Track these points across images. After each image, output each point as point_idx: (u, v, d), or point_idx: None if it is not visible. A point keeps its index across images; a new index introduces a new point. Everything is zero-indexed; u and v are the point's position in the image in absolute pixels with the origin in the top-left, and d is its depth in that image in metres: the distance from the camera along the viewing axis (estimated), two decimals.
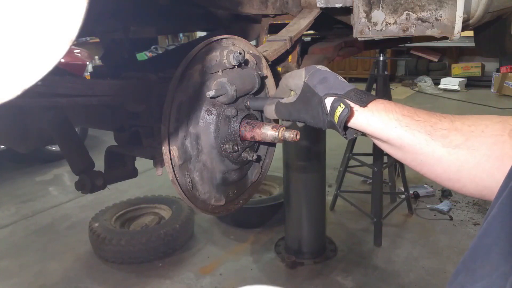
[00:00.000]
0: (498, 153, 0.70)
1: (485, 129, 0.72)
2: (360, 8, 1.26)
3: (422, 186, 4.43)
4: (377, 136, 0.81)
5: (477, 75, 9.44)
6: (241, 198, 1.07)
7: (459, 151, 0.73)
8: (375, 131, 0.80)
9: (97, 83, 1.11)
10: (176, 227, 3.42)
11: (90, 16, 0.36)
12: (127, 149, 1.20)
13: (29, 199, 4.69)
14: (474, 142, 0.72)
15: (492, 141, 0.71)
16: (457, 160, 0.73)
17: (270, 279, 3.11)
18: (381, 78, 3.45)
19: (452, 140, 0.74)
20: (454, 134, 0.74)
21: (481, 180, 0.72)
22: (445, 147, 0.74)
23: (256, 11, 1.43)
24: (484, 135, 0.72)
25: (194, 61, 0.86)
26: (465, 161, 0.73)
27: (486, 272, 0.60)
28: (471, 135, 0.73)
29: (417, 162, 0.79)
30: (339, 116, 0.78)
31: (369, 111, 0.79)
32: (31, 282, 3.21)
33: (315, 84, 0.84)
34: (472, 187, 0.74)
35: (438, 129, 0.75)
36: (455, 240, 3.52)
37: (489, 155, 0.71)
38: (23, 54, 0.34)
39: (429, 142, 0.75)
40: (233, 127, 0.92)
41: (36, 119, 1.30)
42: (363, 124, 0.80)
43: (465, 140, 0.73)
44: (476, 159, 0.72)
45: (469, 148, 0.72)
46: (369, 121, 0.79)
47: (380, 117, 0.79)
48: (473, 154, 0.72)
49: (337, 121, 0.79)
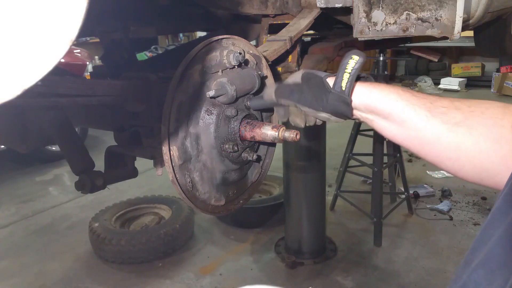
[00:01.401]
0: (496, 135, 0.71)
1: (485, 111, 0.73)
2: (360, 8, 1.26)
3: (422, 186, 4.43)
4: (379, 111, 0.81)
5: (477, 75, 9.44)
6: (241, 198, 1.07)
7: (458, 128, 0.74)
8: (377, 104, 0.80)
9: (97, 83, 1.11)
10: (176, 227, 3.41)
11: (90, 16, 0.36)
12: (127, 149, 1.20)
13: (29, 199, 4.69)
14: (473, 122, 0.73)
15: (491, 123, 0.72)
16: (456, 137, 0.74)
17: (270, 279, 3.11)
18: (381, 78, 3.44)
19: (452, 117, 0.74)
20: (454, 112, 0.75)
21: (479, 162, 0.73)
22: (444, 124, 0.75)
23: (256, 11, 1.44)
24: (484, 116, 0.73)
25: (194, 61, 0.86)
26: (464, 139, 0.73)
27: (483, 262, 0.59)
28: (471, 115, 0.73)
29: (418, 141, 0.79)
30: (353, 67, 0.80)
31: (370, 85, 0.81)
32: (31, 282, 3.21)
33: (314, 71, 0.87)
34: (470, 168, 0.75)
35: (438, 106, 0.76)
36: (455, 240, 3.52)
37: (487, 135, 0.71)
38: (23, 54, 0.34)
39: (429, 118, 0.76)
40: (233, 127, 0.92)
41: (36, 119, 1.30)
42: (365, 96, 0.81)
43: (464, 119, 0.73)
44: (474, 138, 0.72)
45: (468, 126, 0.73)
46: (371, 92, 0.81)
47: (381, 91, 0.80)
48: (471, 133, 0.73)
49: (345, 84, 0.80)
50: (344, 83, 0.80)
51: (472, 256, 0.63)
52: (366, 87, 0.82)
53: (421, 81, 9.60)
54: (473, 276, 0.60)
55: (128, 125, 1.15)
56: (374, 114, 0.82)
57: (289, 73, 1.38)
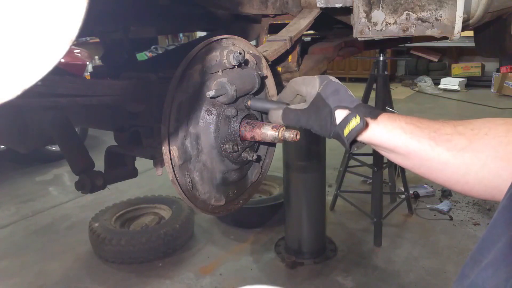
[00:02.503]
0: (502, 153, 0.71)
1: (488, 132, 0.73)
2: (360, 8, 1.26)
3: (422, 186, 4.43)
4: (384, 146, 0.82)
5: (477, 75, 9.44)
6: (241, 198, 1.07)
7: (464, 154, 0.74)
8: (381, 141, 0.81)
9: (97, 83, 1.11)
10: (176, 227, 3.42)
11: (90, 16, 0.36)
12: (127, 149, 1.20)
13: (29, 199, 4.69)
14: (478, 145, 0.73)
15: (496, 143, 0.72)
16: (463, 163, 0.74)
17: (270, 279, 3.11)
18: (381, 78, 3.44)
19: (456, 143, 0.75)
20: (458, 138, 0.75)
21: (489, 182, 0.73)
22: (449, 151, 0.75)
23: (256, 11, 1.43)
24: (488, 137, 0.73)
25: (194, 61, 0.86)
26: (471, 163, 0.74)
27: (493, 262, 0.59)
28: (475, 138, 0.74)
29: (425, 168, 0.80)
30: (353, 128, 0.79)
31: (374, 122, 0.81)
32: (31, 282, 3.21)
33: (328, 95, 0.85)
34: (480, 188, 0.75)
35: (442, 134, 0.76)
36: (455, 240, 3.52)
37: (494, 156, 0.72)
38: (23, 54, 0.34)
39: (433, 147, 0.76)
40: (233, 127, 0.92)
41: (36, 119, 1.30)
42: (369, 135, 0.82)
43: (469, 143, 0.74)
44: (482, 161, 0.72)
45: (473, 150, 0.73)
46: (375, 131, 0.81)
47: (385, 127, 0.80)
48: (478, 156, 0.73)
49: (347, 133, 0.80)
50: (346, 131, 0.80)
51: (480, 255, 0.63)
52: (371, 127, 0.81)
53: (421, 81, 9.60)
54: (482, 275, 0.60)
55: (128, 125, 1.15)
56: (378, 147, 0.84)
57: (289, 73, 1.38)
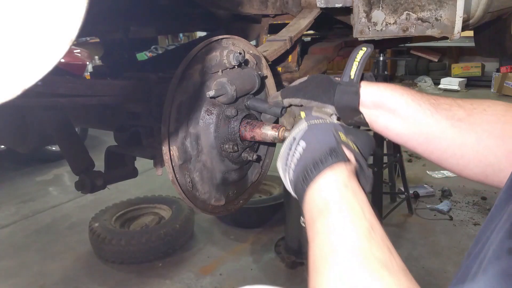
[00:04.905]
0: (499, 131, 0.72)
1: (487, 108, 0.74)
2: (360, 8, 1.26)
3: (422, 186, 4.43)
4: (385, 104, 0.80)
5: (477, 75, 9.44)
6: (241, 198, 1.07)
7: (462, 124, 0.74)
8: (383, 99, 0.80)
9: (97, 83, 1.11)
10: (176, 227, 3.41)
11: (90, 16, 0.36)
12: (127, 149, 1.20)
13: (29, 199, 4.69)
14: (476, 119, 0.74)
15: (493, 119, 0.73)
16: (460, 134, 0.74)
17: (270, 279, 3.11)
18: (381, 78, 3.44)
19: (455, 113, 0.75)
20: (457, 109, 0.76)
21: (484, 157, 0.73)
22: (448, 119, 0.75)
23: (256, 11, 1.43)
24: (486, 113, 0.74)
25: (194, 61, 0.86)
26: (468, 135, 0.74)
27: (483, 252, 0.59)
28: (473, 112, 0.74)
29: (423, 138, 0.79)
30: (361, 57, 0.80)
31: (376, 83, 0.82)
32: (31, 282, 3.21)
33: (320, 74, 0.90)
34: (475, 164, 0.75)
35: (441, 103, 0.77)
36: (455, 240, 3.52)
37: (491, 131, 0.72)
38: (23, 54, 0.34)
39: (433, 112, 0.76)
40: (233, 127, 0.92)
41: (36, 119, 1.30)
42: (372, 91, 0.81)
43: (467, 116, 0.74)
44: (478, 134, 0.73)
45: (471, 123, 0.74)
46: (379, 88, 0.81)
47: (387, 87, 0.81)
48: (475, 129, 0.73)
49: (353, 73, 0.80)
50: (353, 72, 0.81)
51: (474, 248, 0.64)
52: (373, 84, 0.82)
53: (421, 81, 9.60)
54: (470, 264, 0.61)
55: (128, 125, 1.15)
56: (380, 109, 0.82)
57: (289, 73, 1.38)
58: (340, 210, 0.61)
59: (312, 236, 0.62)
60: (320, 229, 0.61)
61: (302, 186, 0.66)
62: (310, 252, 0.61)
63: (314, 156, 0.66)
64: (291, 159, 0.71)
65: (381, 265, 0.53)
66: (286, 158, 0.73)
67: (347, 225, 0.59)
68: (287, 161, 0.72)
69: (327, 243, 0.59)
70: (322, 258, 0.58)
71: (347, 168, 0.66)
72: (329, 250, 0.58)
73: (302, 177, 0.67)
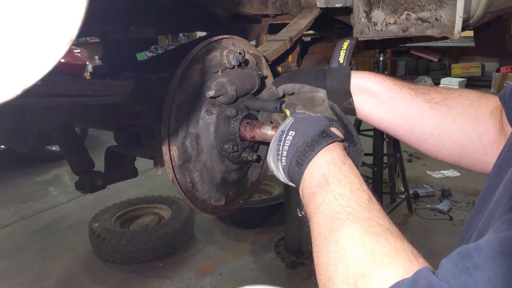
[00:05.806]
0: (472, 114, 0.80)
1: (462, 94, 0.84)
2: (360, 8, 1.26)
3: (422, 186, 4.43)
4: (369, 89, 0.86)
5: (477, 75, 9.43)
6: (241, 198, 1.07)
7: (439, 107, 0.83)
8: (368, 83, 0.86)
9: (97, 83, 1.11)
10: (176, 227, 3.42)
11: (90, 16, 0.36)
12: (127, 149, 1.20)
13: (29, 199, 4.69)
14: (452, 102, 0.83)
15: (467, 103, 0.82)
16: (437, 115, 0.82)
17: (270, 279, 3.11)
18: None
19: (433, 97, 0.84)
20: (434, 93, 0.84)
21: (459, 137, 0.82)
22: (427, 102, 0.83)
23: (256, 11, 1.43)
24: (461, 98, 0.83)
25: (194, 61, 0.86)
26: (444, 116, 0.82)
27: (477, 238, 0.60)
28: (449, 96, 0.83)
29: (404, 120, 0.85)
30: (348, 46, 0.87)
31: (361, 72, 0.89)
32: (31, 282, 3.21)
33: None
34: (450, 145, 0.83)
35: (420, 88, 0.86)
36: (455, 240, 3.51)
37: (465, 114, 0.81)
38: (23, 54, 0.34)
39: (413, 96, 0.84)
40: (233, 127, 0.92)
41: (36, 119, 1.30)
42: (358, 76, 0.87)
43: (444, 99, 0.83)
44: (453, 115, 0.81)
45: (447, 106, 0.82)
46: (364, 74, 0.87)
47: (371, 74, 0.88)
48: (451, 111, 0.82)
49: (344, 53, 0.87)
50: (341, 58, 0.87)
51: (466, 233, 0.69)
52: (358, 71, 0.89)
53: (421, 81, 9.58)
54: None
55: (128, 125, 1.15)
56: (365, 94, 0.87)
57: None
58: (339, 182, 0.64)
59: (314, 210, 0.64)
60: (321, 201, 0.63)
61: (299, 168, 0.69)
62: (313, 226, 0.63)
63: (305, 139, 0.70)
64: (282, 148, 0.73)
65: (385, 230, 0.56)
66: (276, 149, 0.75)
67: (348, 195, 0.61)
68: (278, 152, 0.74)
69: (329, 213, 0.61)
70: (327, 227, 0.60)
71: (341, 146, 0.71)
72: (332, 220, 0.60)
73: (297, 160, 0.69)
